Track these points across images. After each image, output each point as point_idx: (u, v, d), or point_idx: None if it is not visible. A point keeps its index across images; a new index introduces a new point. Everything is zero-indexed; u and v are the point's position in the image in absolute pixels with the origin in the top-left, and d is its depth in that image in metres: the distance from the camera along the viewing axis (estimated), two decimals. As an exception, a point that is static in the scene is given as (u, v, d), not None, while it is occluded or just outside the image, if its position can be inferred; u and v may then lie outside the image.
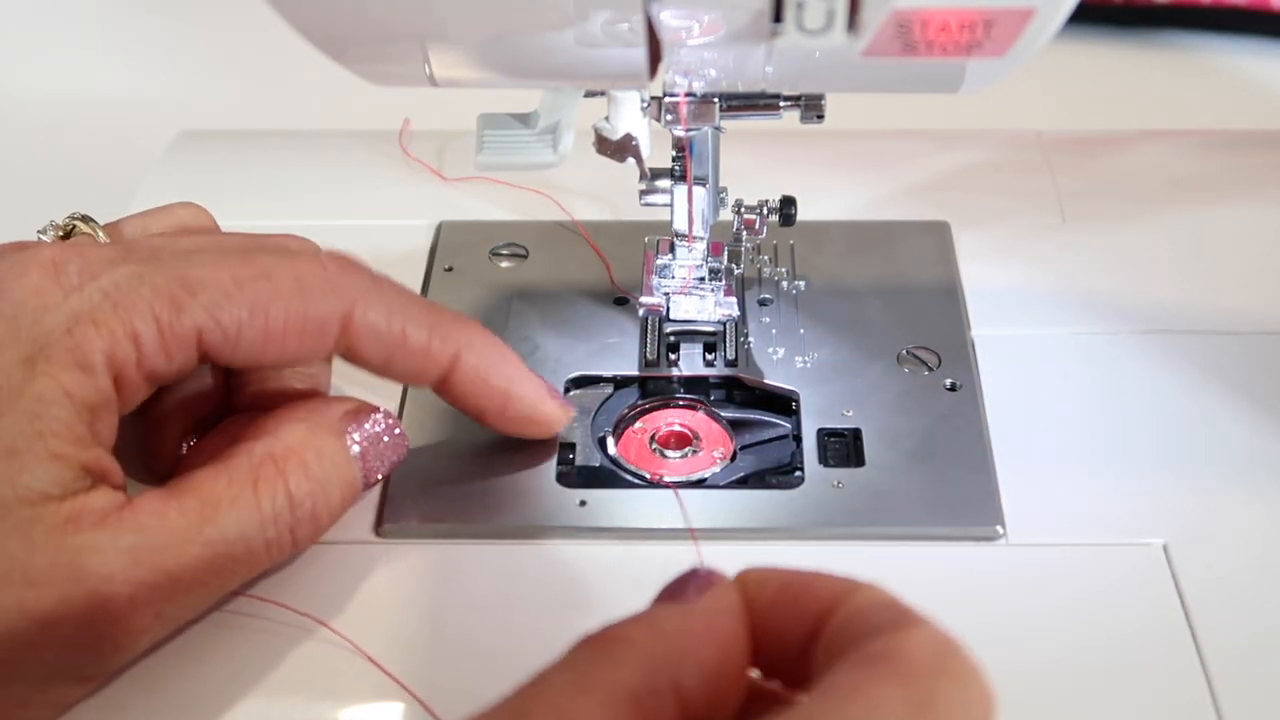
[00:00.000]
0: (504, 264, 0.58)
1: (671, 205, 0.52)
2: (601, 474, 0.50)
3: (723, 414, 0.52)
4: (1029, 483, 0.48)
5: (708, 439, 0.50)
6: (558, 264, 0.58)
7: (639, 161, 0.50)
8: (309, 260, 0.43)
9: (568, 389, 0.52)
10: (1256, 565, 0.45)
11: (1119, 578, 0.45)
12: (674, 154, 0.50)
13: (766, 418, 0.52)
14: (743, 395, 0.53)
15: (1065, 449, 0.49)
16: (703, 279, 0.53)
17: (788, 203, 0.53)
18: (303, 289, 0.43)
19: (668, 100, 0.48)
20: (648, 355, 0.53)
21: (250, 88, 0.80)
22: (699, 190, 0.51)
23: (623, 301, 0.56)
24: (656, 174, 0.51)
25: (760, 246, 0.57)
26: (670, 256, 0.53)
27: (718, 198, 0.52)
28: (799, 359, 0.53)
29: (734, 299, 0.53)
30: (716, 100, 0.48)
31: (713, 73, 0.43)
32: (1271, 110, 0.76)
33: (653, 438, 0.51)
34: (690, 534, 0.46)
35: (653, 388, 0.53)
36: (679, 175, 0.51)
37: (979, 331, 0.54)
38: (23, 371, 0.39)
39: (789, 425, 0.51)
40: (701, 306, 0.53)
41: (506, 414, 0.47)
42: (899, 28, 0.37)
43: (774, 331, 0.54)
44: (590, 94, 0.50)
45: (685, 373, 0.53)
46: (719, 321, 0.53)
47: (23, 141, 0.77)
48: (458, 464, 0.49)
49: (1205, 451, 0.49)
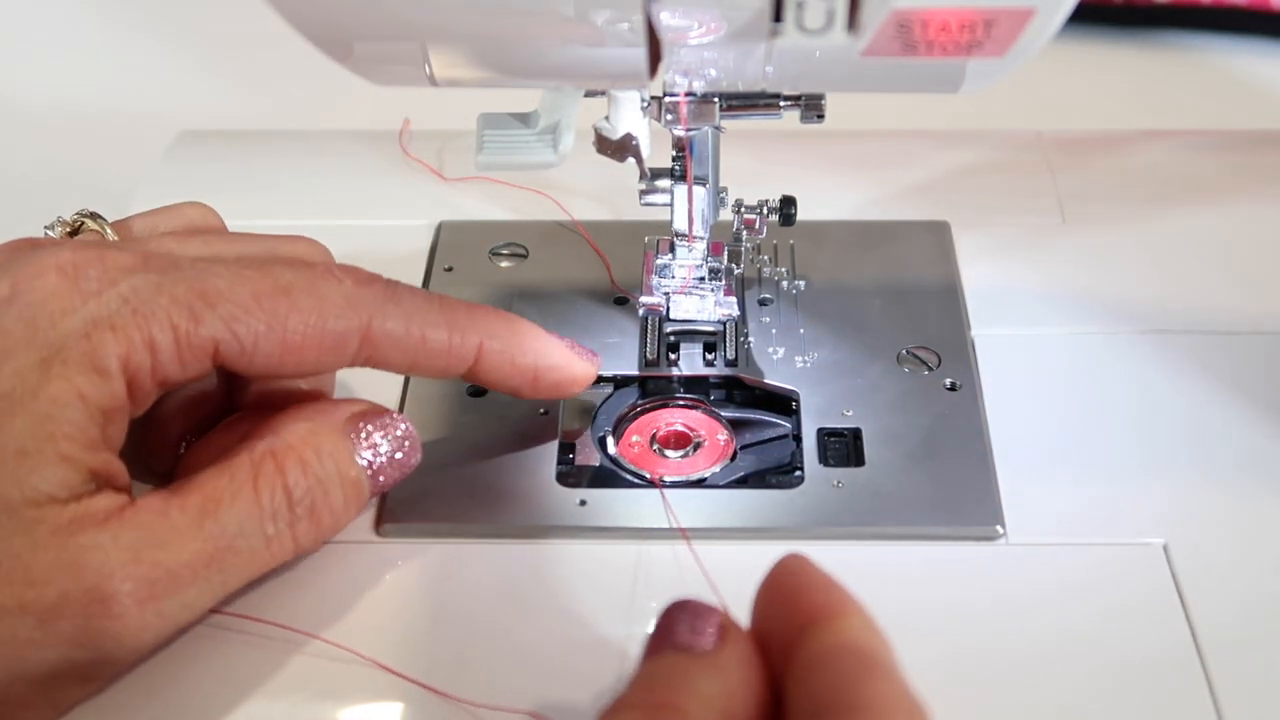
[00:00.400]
0: (504, 264, 0.58)
1: (671, 205, 0.52)
2: (601, 474, 0.50)
3: (723, 413, 0.52)
4: (1029, 483, 0.48)
5: (708, 432, 0.51)
6: (558, 264, 0.58)
7: (639, 161, 0.50)
8: (325, 275, 0.43)
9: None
10: (1257, 565, 0.45)
11: (1119, 578, 0.45)
12: (674, 154, 0.50)
13: (766, 417, 0.52)
14: (743, 395, 0.53)
15: (1065, 449, 0.49)
16: (703, 279, 0.53)
17: (788, 203, 0.53)
18: (321, 305, 0.43)
19: (668, 100, 0.48)
20: (648, 355, 0.53)
21: (250, 88, 0.80)
22: (699, 190, 0.51)
23: (623, 301, 0.56)
24: (656, 174, 0.51)
25: (760, 246, 0.57)
26: (670, 256, 0.53)
27: (718, 198, 0.52)
28: (799, 359, 0.53)
29: (734, 299, 0.53)
30: (716, 100, 0.48)
31: (713, 72, 0.43)
32: (1271, 110, 0.76)
33: (653, 437, 0.51)
34: (682, 534, 0.46)
35: (653, 387, 0.53)
36: (679, 175, 0.51)
37: (979, 331, 0.54)
38: (38, 373, 0.39)
39: (789, 425, 0.51)
40: (701, 306, 0.53)
41: (539, 386, 0.48)
42: (899, 28, 0.37)
43: (774, 331, 0.54)
44: (590, 94, 0.50)
45: (685, 372, 0.53)
46: (719, 321, 0.53)
47: (23, 141, 0.77)
48: (458, 464, 0.49)
49: (1205, 451, 0.49)
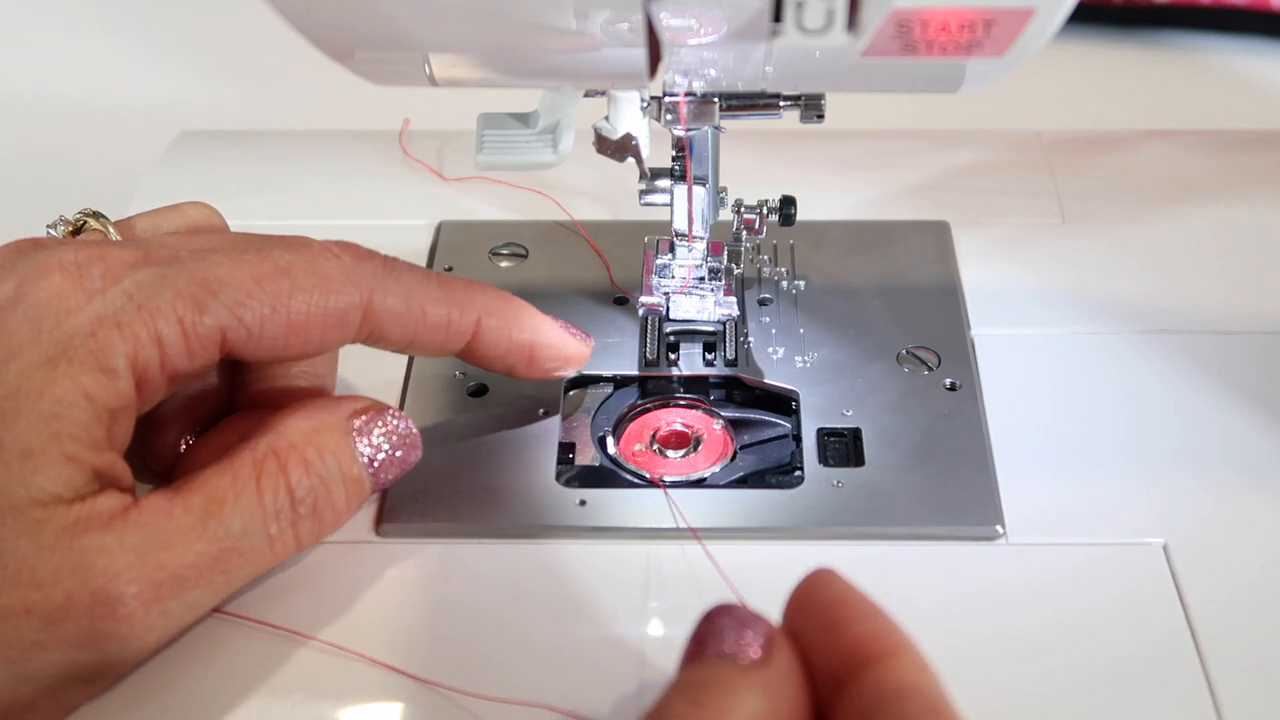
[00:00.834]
0: (504, 264, 0.58)
1: (671, 205, 0.52)
2: (601, 474, 0.50)
3: (723, 413, 0.52)
4: (1029, 483, 0.48)
5: (707, 431, 0.51)
6: (558, 264, 0.58)
7: (639, 161, 0.50)
8: (324, 253, 0.44)
9: (568, 389, 0.52)
10: (1257, 565, 0.45)
11: (1119, 578, 0.45)
12: (674, 154, 0.50)
13: (766, 417, 0.52)
14: (743, 395, 0.53)
15: (1065, 449, 0.49)
16: (703, 279, 0.53)
17: (788, 203, 0.53)
18: (321, 282, 0.43)
19: (668, 100, 0.48)
20: (648, 355, 0.53)
21: (250, 88, 0.80)
22: (699, 190, 0.51)
23: (623, 301, 0.56)
24: (656, 174, 0.51)
25: (760, 246, 0.57)
26: (670, 256, 0.53)
27: (718, 197, 0.52)
28: (799, 359, 0.53)
29: (734, 299, 0.53)
30: (716, 100, 0.48)
31: (713, 72, 0.43)
32: (1271, 110, 0.76)
33: (653, 437, 0.51)
34: (693, 534, 0.46)
35: (653, 387, 0.53)
36: (679, 175, 0.51)
37: (979, 331, 0.54)
38: (44, 373, 0.39)
39: (789, 425, 0.51)
40: (701, 306, 0.53)
41: (534, 365, 0.48)
42: (899, 27, 0.37)
43: (774, 331, 0.54)
44: (590, 94, 0.50)
45: (685, 372, 0.53)
46: (719, 321, 0.53)
47: (23, 141, 0.77)
48: (458, 464, 0.49)
49: (1205, 451, 0.49)
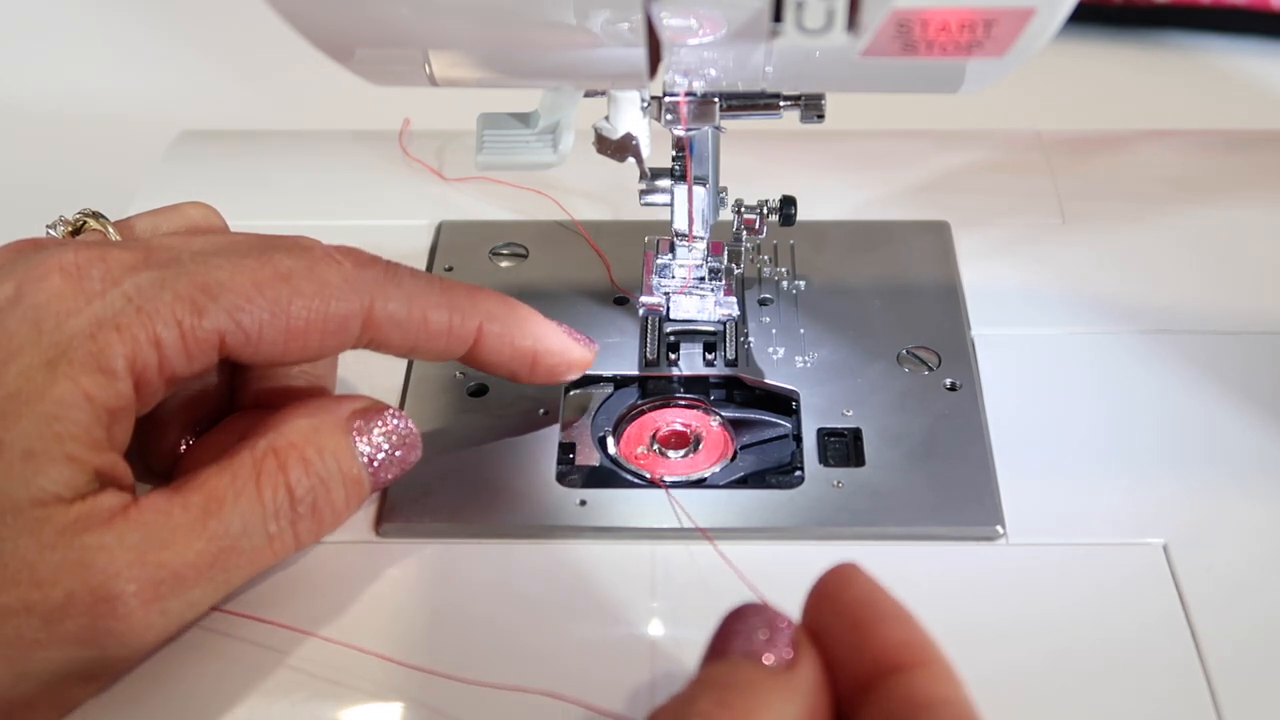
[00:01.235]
0: (504, 264, 0.58)
1: (671, 205, 0.52)
2: (601, 474, 0.50)
3: (723, 413, 0.52)
4: (1029, 483, 0.48)
5: (705, 430, 0.51)
6: (558, 264, 0.58)
7: (639, 161, 0.50)
8: (325, 258, 0.44)
9: (568, 390, 0.52)
10: (1256, 565, 0.45)
11: (1119, 578, 0.45)
12: (674, 154, 0.50)
13: (766, 417, 0.52)
14: (743, 395, 0.53)
15: (1065, 449, 0.49)
16: (703, 279, 0.53)
17: (788, 203, 0.53)
18: (322, 288, 0.43)
19: (668, 100, 0.48)
20: (648, 355, 0.53)
21: (250, 88, 0.80)
22: (699, 190, 0.51)
23: (623, 301, 0.56)
24: (656, 174, 0.51)
25: (760, 246, 0.57)
26: (670, 256, 0.53)
27: (718, 197, 0.52)
28: (799, 359, 0.53)
29: (734, 299, 0.53)
30: (716, 100, 0.48)
31: (713, 72, 0.43)
32: (1271, 110, 0.76)
33: (653, 437, 0.51)
34: (703, 535, 0.46)
35: (653, 387, 0.53)
36: (679, 175, 0.51)
37: (979, 331, 0.54)
38: (44, 374, 0.39)
39: (789, 425, 0.51)
40: (701, 306, 0.53)
41: (536, 370, 0.48)
42: (899, 27, 0.37)
43: (774, 331, 0.54)
44: (590, 94, 0.50)
45: (685, 372, 0.53)
46: (719, 321, 0.53)
47: (23, 141, 0.77)
48: (458, 463, 0.49)
49: (1205, 451, 0.49)
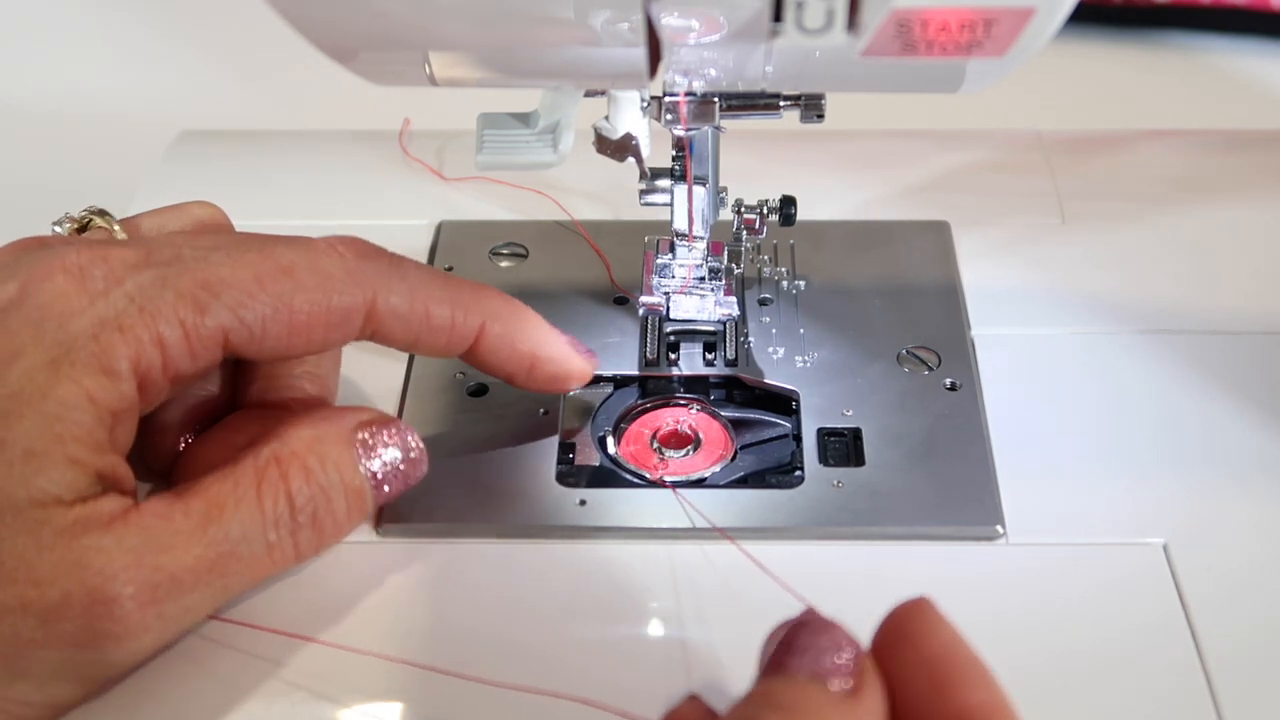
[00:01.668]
0: (504, 264, 0.58)
1: (671, 205, 0.52)
2: (601, 474, 0.50)
3: (723, 413, 0.52)
4: (1029, 483, 0.48)
5: (706, 431, 0.51)
6: (558, 264, 0.58)
7: (639, 161, 0.50)
8: (327, 251, 0.44)
9: (568, 389, 0.52)
10: (1256, 565, 0.45)
11: (1119, 578, 0.45)
12: (674, 154, 0.50)
13: (766, 417, 0.52)
14: (743, 395, 0.53)
15: (1065, 449, 0.49)
16: (703, 278, 0.53)
17: (788, 203, 0.53)
18: (324, 281, 0.43)
19: (668, 100, 0.48)
20: (648, 355, 0.53)
21: (250, 88, 0.80)
22: (699, 190, 0.51)
23: (623, 301, 0.56)
24: (656, 174, 0.51)
25: (760, 246, 0.57)
26: (670, 256, 0.53)
27: (718, 197, 0.52)
28: (799, 358, 0.53)
29: (734, 298, 0.53)
30: (716, 100, 0.48)
31: (713, 72, 0.43)
32: (1271, 110, 0.76)
33: (653, 437, 0.51)
34: (722, 535, 0.46)
35: (653, 387, 0.53)
36: (679, 175, 0.51)
37: (979, 331, 0.54)
38: (47, 374, 0.39)
39: (789, 425, 0.51)
40: (701, 306, 0.53)
41: (534, 376, 0.48)
42: (899, 27, 0.37)
43: (774, 331, 0.54)
44: (590, 94, 0.50)
45: (685, 372, 0.53)
46: (719, 321, 0.53)
47: (23, 141, 0.77)
48: (458, 463, 0.49)
49: (1205, 451, 0.49)
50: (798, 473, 0.49)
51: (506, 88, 0.49)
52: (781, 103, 0.48)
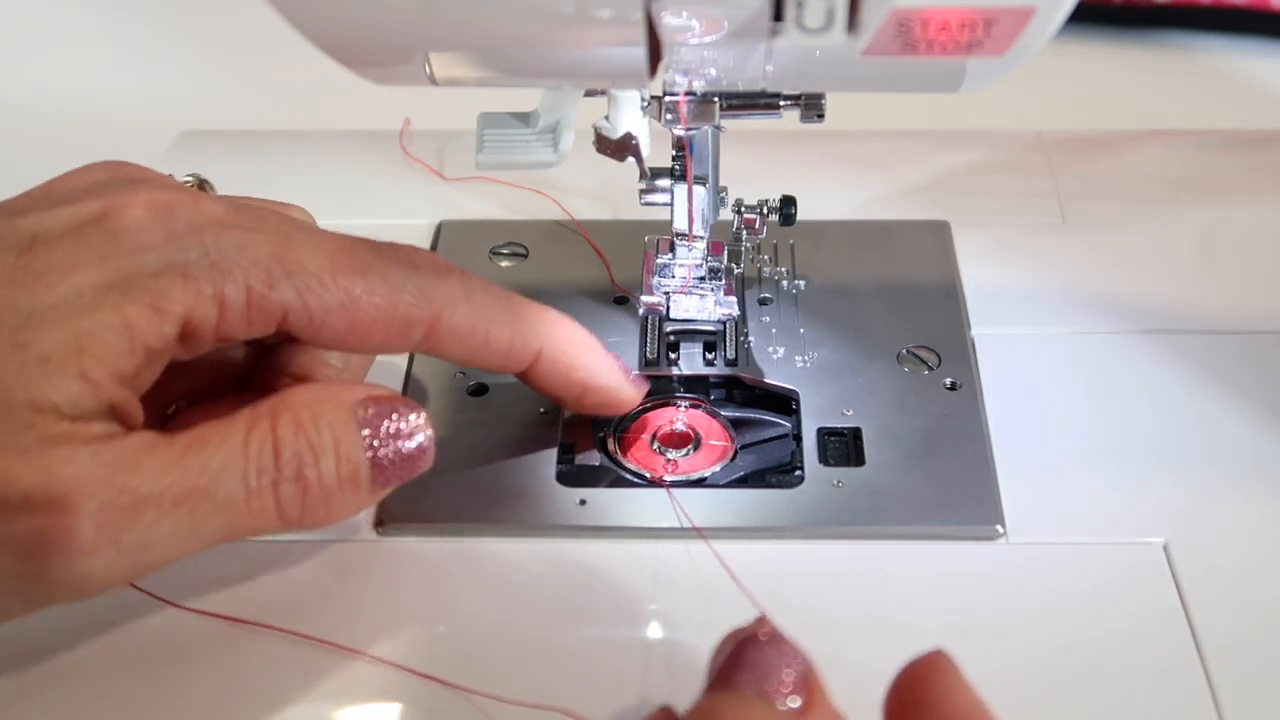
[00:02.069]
0: (504, 264, 0.58)
1: (671, 205, 0.52)
2: (601, 474, 0.50)
3: (723, 413, 0.52)
4: (1029, 482, 0.48)
5: (706, 431, 0.51)
6: (558, 263, 0.58)
7: (639, 161, 0.50)
8: (405, 261, 0.44)
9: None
10: (1256, 564, 0.45)
11: (1119, 577, 0.45)
12: (674, 153, 0.50)
13: (767, 417, 0.52)
14: (743, 394, 0.53)
15: (1065, 448, 0.49)
16: (703, 278, 0.53)
17: (788, 202, 0.53)
18: (395, 291, 0.43)
19: (668, 99, 0.48)
20: (648, 354, 0.53)
21: (250, 88, 0.80)
22: (699, 190, 0.51)
23: (623, 301, 0.56)
24: (656, 173, 0.51)
25: (760, 246, 0.57)
26: (670, 256, 0.53)
27: (718, 197, 0.52)
28: (799, 358, 0.53)
29: (734, 298, 0.53)
30: (716, 99, 0.48)
31: (713, 72, 0.43)
32: (1271, 110, 0.76)
33: (654, 437, 0.51)
34: (698, 534, 0.46)
35: (653, 387, 0.53)
36: (679, 174, 0.51)
37: (979, 331, 0.54)
38: (95, 295, 0.39)
39: (789, 424, 0.51)
40: (701, 306, 0.53)
41: (583, 402, 0.48)
42: (899, 27, 0.37)
43: (774, 331, 0.54)
44: (590, 93, 0.50)
45: (685, 372, 0.53)
46: (719, 321, 0.53)
47: (23, 141, 0.77)
48: (458, 462, 0.49)
49: (1205, 451, 0.49)
50: (798, 472, 0.49)
51: (506, 87, 0.49)
52: (781, 103, 0.48)
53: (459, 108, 0.55)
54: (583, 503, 0.48)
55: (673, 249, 0.53)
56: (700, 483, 0.49)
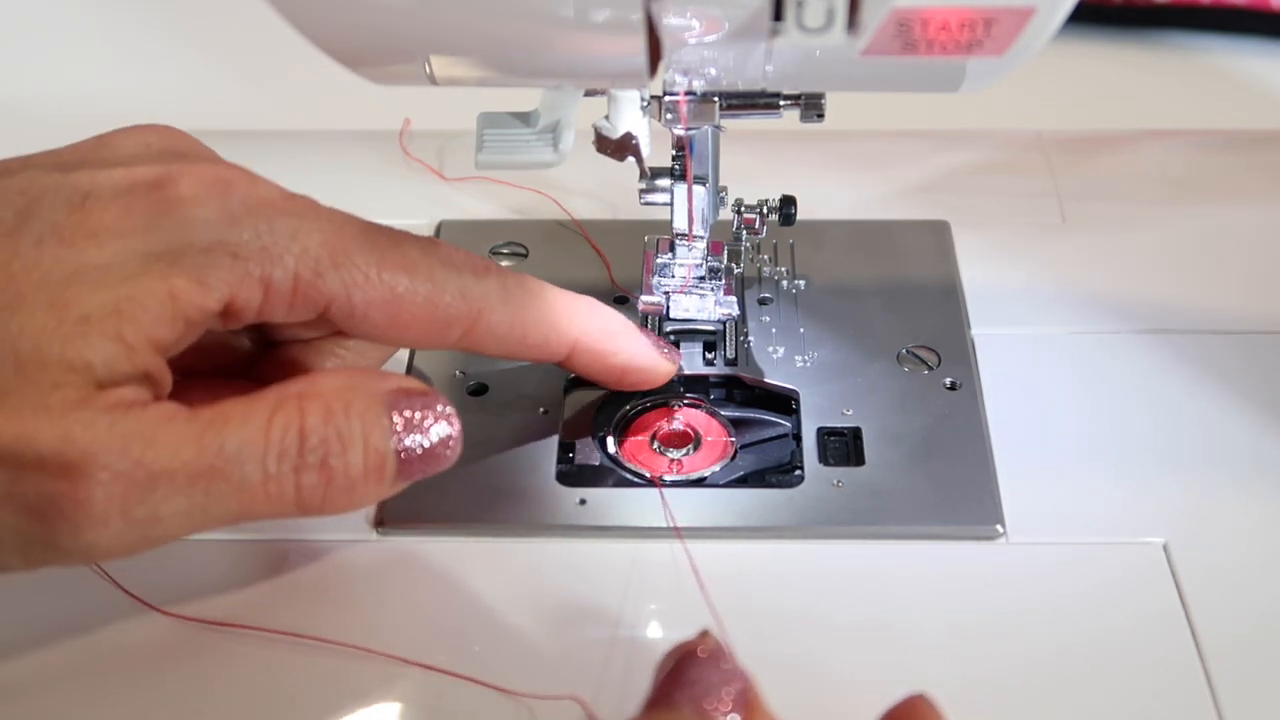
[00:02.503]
0: (504, 263, 0.58)
1: (671, 204, 0.52)
2: (601, 473, 0.50)
3: (723, 412, 0.52)
4: (1029, 482, 0.48)
5: (707, 431, 0.51)
6: (558, 263, 0.58)
7: (639, 160, 0.50)
8: (448, 262, 0.44)
9: (566, 389, 0.52)
10: (1256, 564, 0.45)
11: (1119, 576, 0.45)
12: (674, 153, 0.50)
13: (766, 417, 0.52)
14: (743, 394, 0.53)
15: (1065, 448, 0.49)
16: (702, 278, 0.53)
17: (788, 202, 0.53)
18: (437, 290, 0.43)
19: (668, 99, 0.48)
20: (647, 355, 0.53)
21: (250, 88, 0.80)
22: (699, 189, 0.51)
23: (623, 300, 0.56)
24: (656, 173, 0.51)
25: (760, 246, 0.57)
26: (670, 255, 0.53)
27: (718, 197, 0.52)
28: (799, 358, 0.53)
29: (734, 298, 0.53)
30: (716, 99, 0.48)
31: (713, 71, 0.43)
32: (1271, 110, 0.76)
33: (653, 436, 0.51)
34: (676, 534, 0.46)
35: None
36: (679, 174, 0.51)
37: (979, 331, 0.54)
38: (140, 262, 0.39)
39: (789, 424, 0.51)
40: (701, 305, 0.53)
41: (623, 383, 0.49)
42: (899, 26, 0.37)
43: (774, 330, 0.54)
44: (590, 93, 0.50)
45: (685, 372, 0.53)
46: (719, 320, 0.53)
47: (23, 141, 0.77)
48: (458, 463, 0.49)
49: (1205, 451, 0.49)
50: (798, 472, 0.49)
51: (506, 87, 0.49)
52: (781, 102, 0.48)
53: (459, 108, 0.55)
54: (583, 502, 0.48)
55: (673, 249, 0.53)
56: (700, 482, 0.49)
